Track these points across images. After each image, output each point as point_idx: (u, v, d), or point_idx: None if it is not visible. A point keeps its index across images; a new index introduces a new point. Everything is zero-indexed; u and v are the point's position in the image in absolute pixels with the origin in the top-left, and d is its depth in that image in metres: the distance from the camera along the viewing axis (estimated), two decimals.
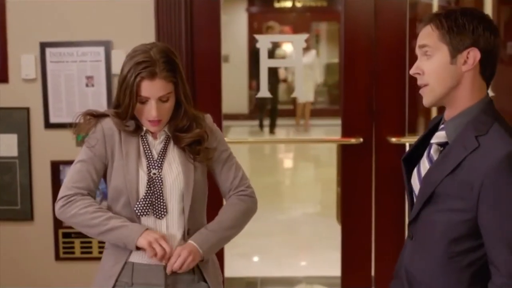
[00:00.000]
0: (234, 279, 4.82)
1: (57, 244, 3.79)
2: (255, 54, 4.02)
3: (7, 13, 3.68)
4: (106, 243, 2.54)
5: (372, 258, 3.87)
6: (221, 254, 3.70)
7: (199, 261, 2.44)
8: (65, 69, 3.69)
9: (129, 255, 2.45)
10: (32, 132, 3.75)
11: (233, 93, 11.26)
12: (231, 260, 2.71)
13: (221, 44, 3.80)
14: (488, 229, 1.93)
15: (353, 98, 3.78)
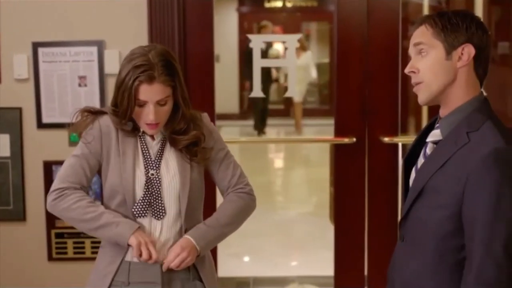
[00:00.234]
0: (227, 279, 4.82)
1: (49, 244, 3.78)
2: (248, 54, 4.02)
3: None
4: (102, 241, 2.54)
5: (365, 257, 3.88)
6: (214, 253, 3.69)
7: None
8: (57, 69, 3.68)
9: (125, 254, 2.44)
10: (25, 132, 3.74)
11: (224, 93, 11.25)
12: (224, 260, 2.71)
13: (213, 44, 3.80)
14: (468, 222, 1.94)
15: (346, 98, 3.78)
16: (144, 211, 2.42)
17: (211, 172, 2.59)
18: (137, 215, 2.41)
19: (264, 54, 4.15)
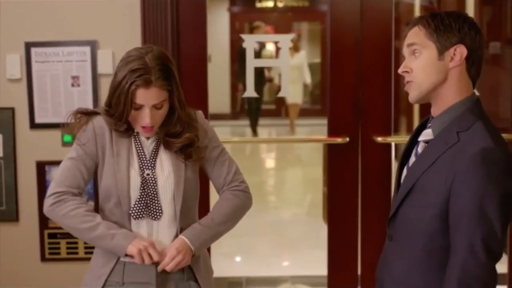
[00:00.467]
0: (219, 279, 4.82)
1: (42, 245, 3.77)
2: (241, 54, 4.02)
3: None
4: None
5: (358, 257, 3.89)
6: None
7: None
8: (50, 69, 3.67)
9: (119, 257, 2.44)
10: (17, 132, 3.73)
11: (216, 93, 11.23)
12: (217, 260, 2.72)
13: (207, 44, 3.80)
14: (453, 219, 1.97)
15: (339, 98, 3.79)
16: (141, 213, 2.41)
17: (206, 171, 2.58)
18: (134, 217, 2.41)
19: (257, 55, 4.14)
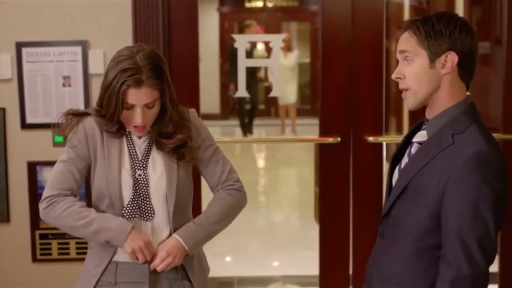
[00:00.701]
0: (211, 279, 4.78)
1: (34, 245, 3.76)
2: (232, 54, 4.02)
3: None
4: (90, 242, 2.53)
5: (350, 257, 3.89)
6: None
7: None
8: (41, 69, 3.66)
9: (114, 255, 2.43)
10: (8, 132, 3.71)
11: (205, 93, 11.21)
12: (208, 260, 2.72)
13: (198, 44, 3.80)
14: (446, 220, 1.99)
15: (330, 98, 3.79)
16: (134, 213, 2.41)
17: (200, 170, 2.57)
18: (127, 217, 2.40)
19: (249, 54, 4.15)
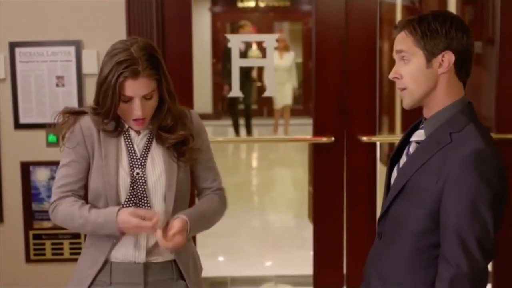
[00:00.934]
0: (204, 279, 4.79)
1: (27, 246, 3.75)
2: (226, 54, 4.02)
3: None
4: (86, 241, 2.53)
5: (344, 256, 3.90)
6: None
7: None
8: (35, 69, 3.65)
9: (109, 254, 2.43)
10: (2, 132, 3.70)
11: (197, 93, 11.19)
12: (202, 260, 2.71)
13: (192, 44, 3.80)
14: (445, 219, 1.99)
15: (324, 98, 3.80)
16: None
17: (193, 171, 2.56)
18: None
19: (244, 55, 4.15)
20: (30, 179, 3.70)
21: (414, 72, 2.08)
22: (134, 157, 2.42)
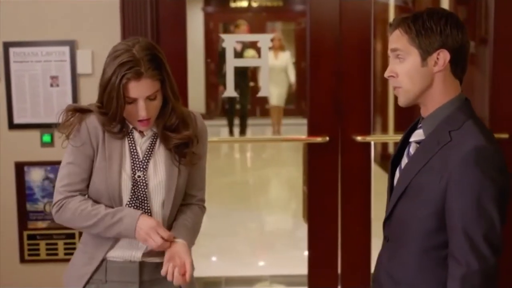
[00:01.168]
0: (198, 279, 4.79)
1: (22, 246, 3.74)
2: (222, 54, 4.02)
3: None
4: (82, 238, 2.52)
5: (339, 256, 3.90)
6: None
7: None
8: (29, 69, 3.65)
9: (106, 253, 2.42)
10: None
11: (190, 92, 11.18)
12: (195, 260, 2.71)
13: (187, 43, 3.80)
14: (451, 218, 1.99)
15: (319, 98, 3.80)
16: None
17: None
18: None
19: (240, 55, 4.14)
20: (25, 179, 3.69)
21: (410, 71, 2.07)
22: (137, 160, 2.42)
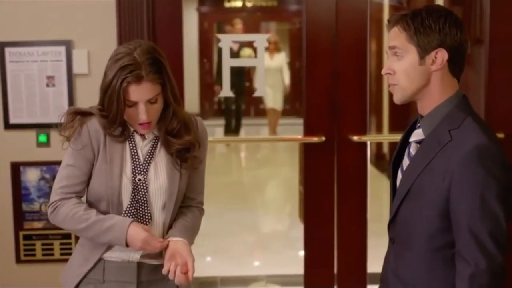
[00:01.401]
0: (194, 279, 4.78)
1: (17, 246, 3.73)
2: (218, 53, 4.02)
3: None
4: (80, 240, 2.51)
5: (335, 256, 3.90)
6: None
7: None
8: (25, 69, 3.64)
9: (103, 253, 2.42)
10: None
11: (185, 92, 11.17)
12: None
13: (183, 44, 3.80)
14: (456, 217, 1.99)
15: (315, 98, 3.81)
16: (132, 218, 2.39)
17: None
18: None
19: (236, 55, 4.14)
20: (21, 180, 3.68)
21: (407, 69, 2.06)
22: (137, 163, 2.41)
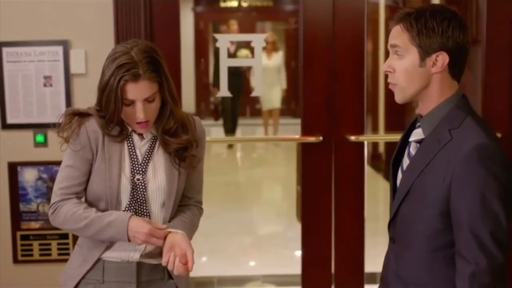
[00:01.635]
0: (191, 279, 4.78)
1: (15, 246, 3.73)
2: (215, 53, 4.02)
3: None
4: (79, 240, 2.51)
5: (332, 256, 3.90)
6: None
7: None
8: (22, 69, 3.64)
9: (102, 254, 2.42)
10: None
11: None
12: None
13: (180, 44, 3.80)
14: (456, 217, 1.98)
15: (312, 97, 3.81)
16: None
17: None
18: None
19: (234, 55, 4.14)
20: (18, 180, 3.68)
21: (407, 69, 2.06)
22: (136, 163, 2.41)
